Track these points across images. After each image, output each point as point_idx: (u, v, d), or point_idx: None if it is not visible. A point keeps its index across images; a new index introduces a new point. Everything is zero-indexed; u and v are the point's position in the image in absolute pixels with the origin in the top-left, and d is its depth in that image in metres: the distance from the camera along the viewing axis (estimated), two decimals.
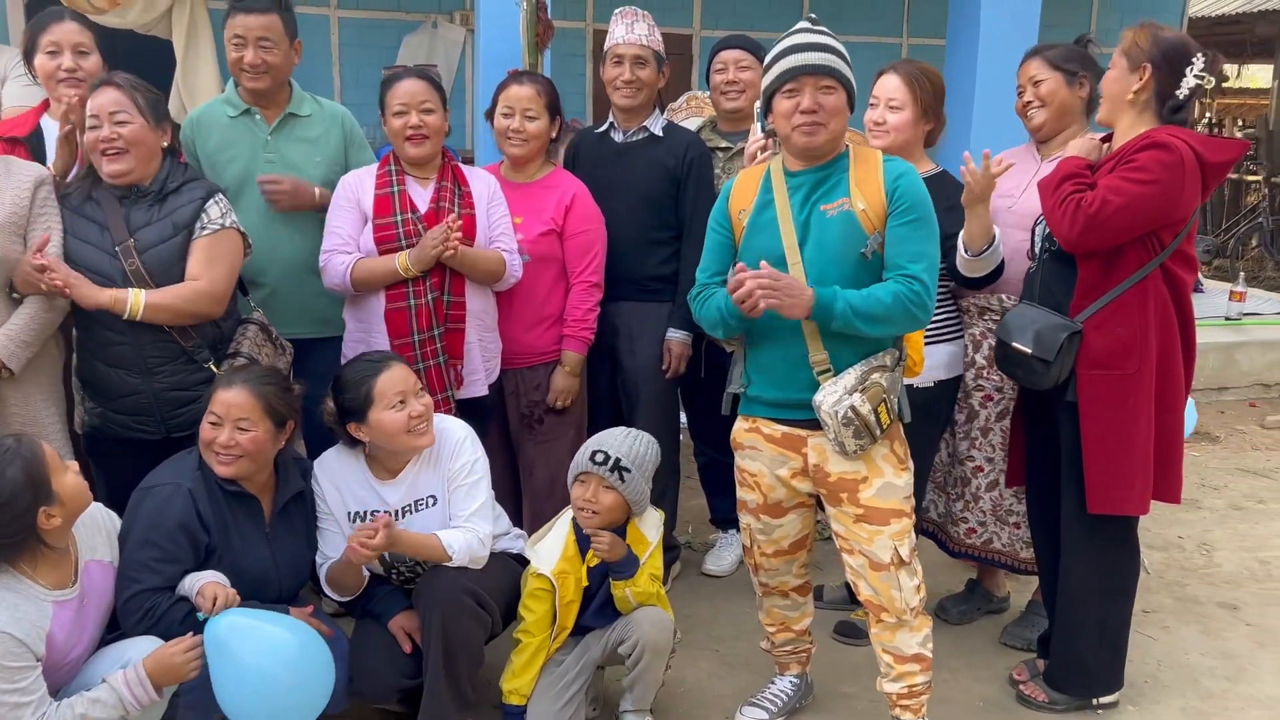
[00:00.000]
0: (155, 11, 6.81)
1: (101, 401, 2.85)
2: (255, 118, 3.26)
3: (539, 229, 3.30)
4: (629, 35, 3.47)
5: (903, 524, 2.61)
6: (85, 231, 2.79)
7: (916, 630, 2.67)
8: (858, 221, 2.53)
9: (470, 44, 7.71)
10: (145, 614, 2.48)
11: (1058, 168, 2.85)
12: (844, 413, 2.47)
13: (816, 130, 2.52)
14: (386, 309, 3.07)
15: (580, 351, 3.38)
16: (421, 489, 2.81)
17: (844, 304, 2.46)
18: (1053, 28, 6.65)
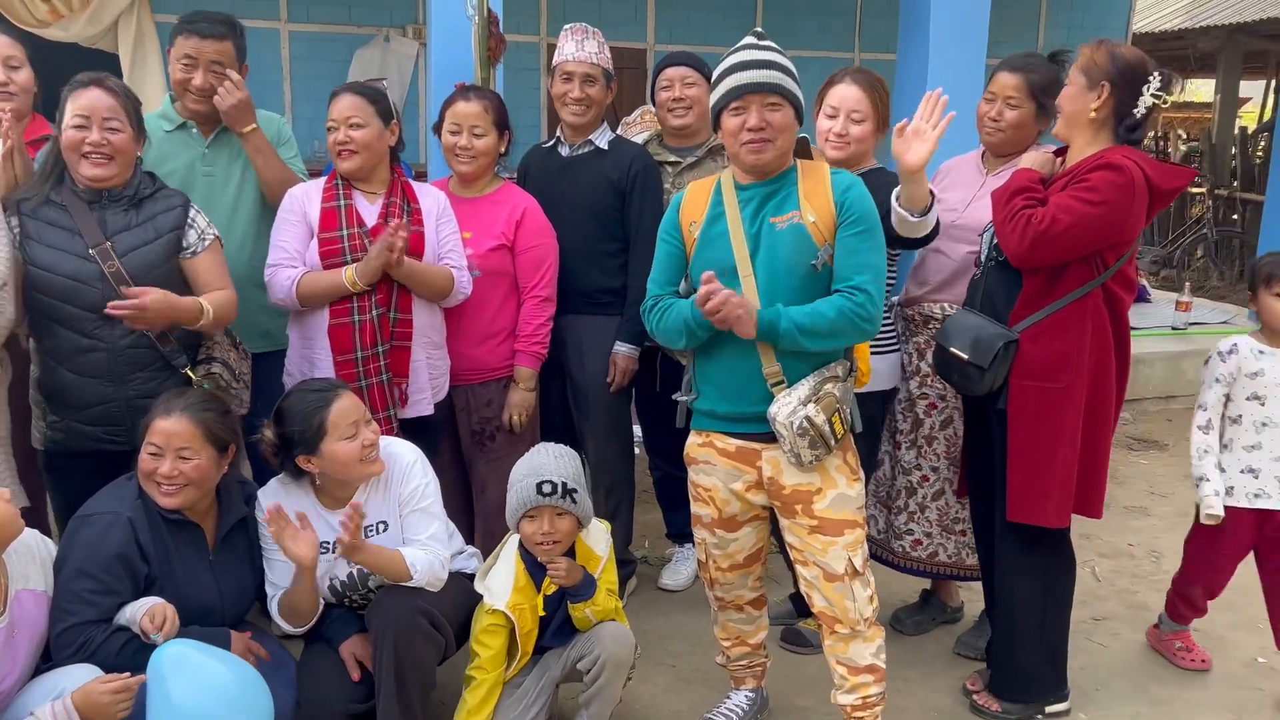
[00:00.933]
0: (100, 25, 6.72)
1: (67, 413, 2.77)
2: (192, 131, 3.22)
3: (490, 244, 3.28)
4: (578, 53, 3.47)
5: (856, 534, 2.63)
6: (52, 237, 2.72)
7: (870, 641, 2.67)
8: (808, 234, 2.55)
9: (423, 57, 7.68)
10: (80, 647, 2.40)
11: (1010, 180, 2.87)
12: (799, 423, 2.48)
13: (764, 147, 2.53)
14: (330, 324, 3.02)
15: (533, 366, 3.36)
16: (371, 514, 2.77)
17: (788, 323, 2.48)
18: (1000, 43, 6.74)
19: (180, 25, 3.16)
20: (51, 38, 6.51)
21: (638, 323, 3.48)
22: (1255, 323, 3.29)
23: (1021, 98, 3.12)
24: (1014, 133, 3.16)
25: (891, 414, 3.44)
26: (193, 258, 2.84)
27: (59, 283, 2.69)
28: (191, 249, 2.84)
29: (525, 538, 2.79)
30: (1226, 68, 12.43)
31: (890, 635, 3.14)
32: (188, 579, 2.59)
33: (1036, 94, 3.11)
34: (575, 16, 3.75)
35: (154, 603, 2.46)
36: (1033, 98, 3.12)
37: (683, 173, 3.61)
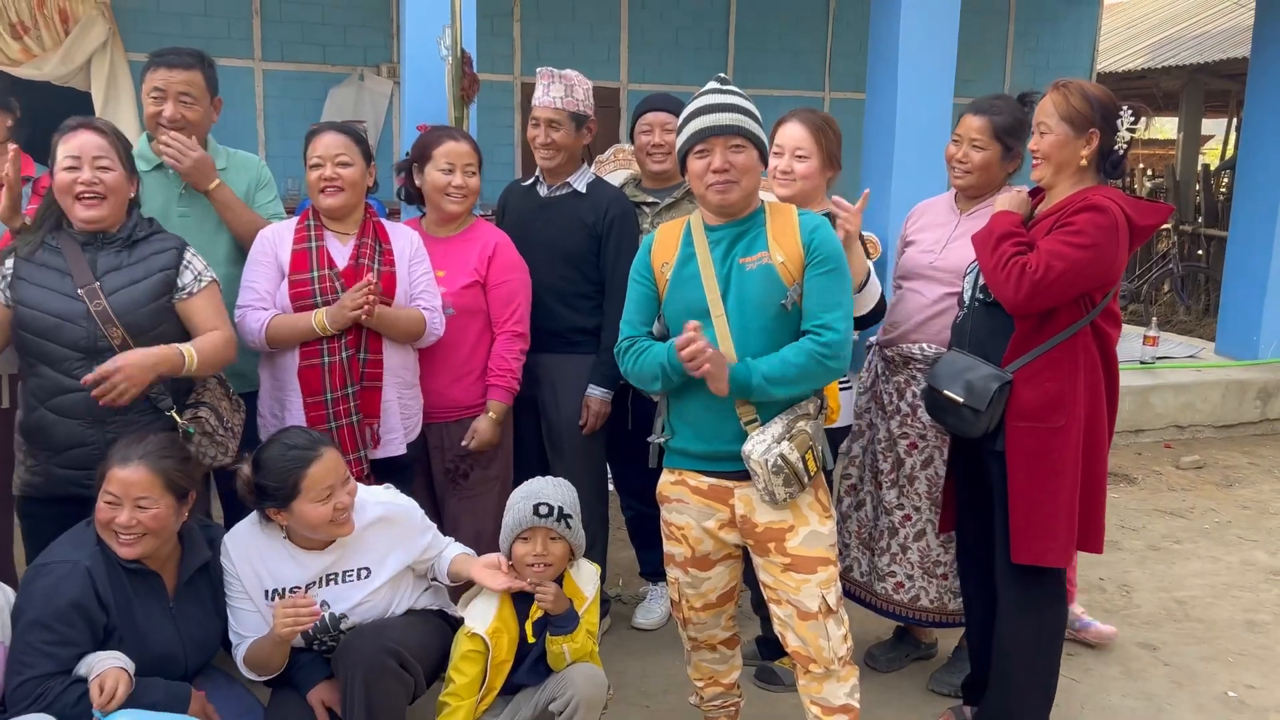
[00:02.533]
0: (73, 64, 6.72)
1: (46, 455, 2.73)
2: (169, 172, 3.21)
3: (463, 281, 3.28)
4: (544, 98, 3.49)
5: (829, 572, 2.63)
6: (43, 278, 2.72)
7: (844, 680, 2.67)
8: (777, 274, 2.57)
9: (397, 96, 7.71)
10: (36, 699, 2.34)
11: (991, 224, 2.87)
12: (774, 461, 2.49)
13: (729, 188, 2.56)
14: (300, 366, 3.01)
15: (505, 401, 3.36)
16: (350, 561, 2.75)
17: (759, 376, 2.51)
18: (968, 82, 6.88)
19: (150, 59, 3.17)
20: (24, 76, 6.50)
21: (612, 366, 3.49)
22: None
23: (986, 139, 3.17)
24: (981, 174, 3.20)
25: (872, 454, 3.45)
26: (188, 299, 2.82)
27: (44, 320, 2.68)
28: (187, 289, 2.82)
29: (517, 560, 2.82)
30: (1189, 106, 12.68)
31: (864, 672, 3.14)
32: (148, 627, 2.54)
33: (1002, 136, 3.15)
34: (549, 57, 3.79)
35: (107, 667, 2.38)
36: (998, 140, 3.16)
37: (660, 213, 3.63)
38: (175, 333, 2.81)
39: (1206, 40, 12.35)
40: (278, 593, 2.71)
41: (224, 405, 2.94)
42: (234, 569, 2.72)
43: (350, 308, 2.92)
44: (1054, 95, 2.80)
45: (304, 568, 2.72)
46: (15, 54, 6.44)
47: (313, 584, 2.73)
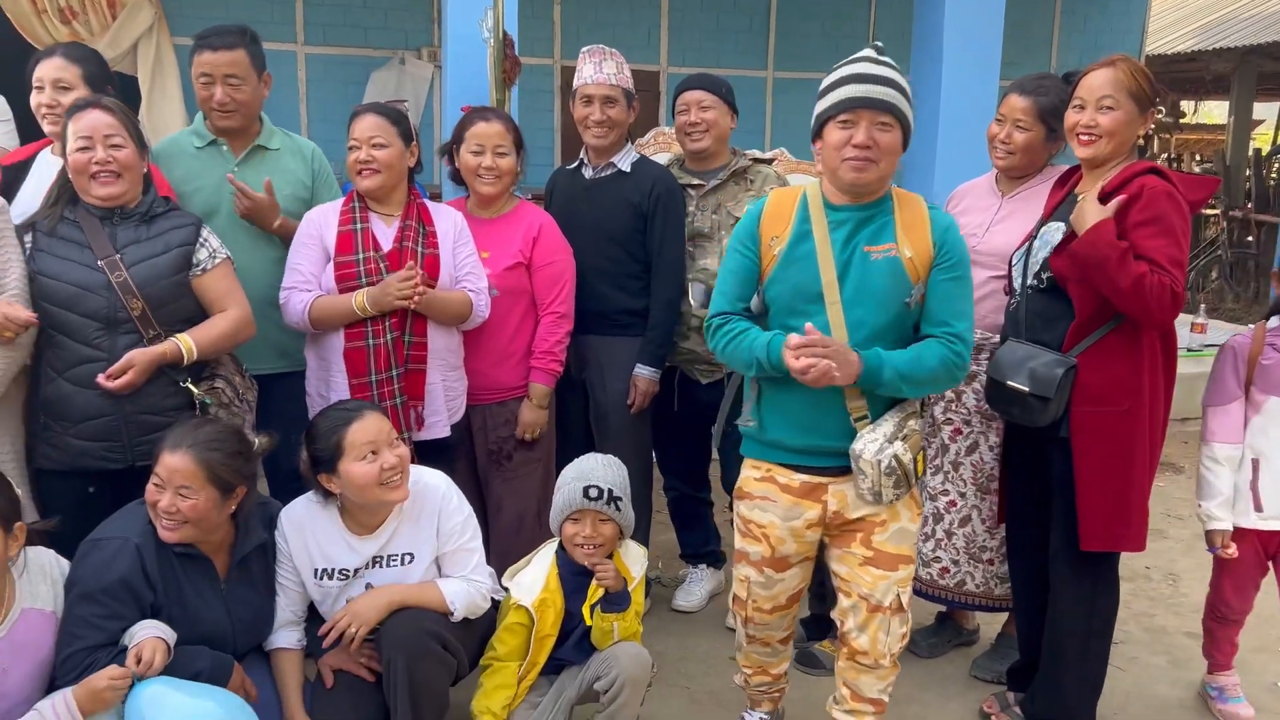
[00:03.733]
0: (120, 47, 6.79)
1: (65, 427, 2.76)
2: (222, 149, 3.25)
3: (507, 262, 3.29)
4: (597, 75, 3.48)
5: (909, 570, 2.56)
6: (63, 250, 2.76)
7: (883, 678, 2.63)
8: (904, 269, 2.44)
9: (438, 80, 7.73)
10: (84, 670, 2.37)
11: (1102, 242, 2.61)
12: (887, 462, 2.39)
13: (867, 167, 2.40)
14: (345, 348, 3.03)
15: (548, 384, 3.36)
16: (397, 545, 2.76)
17: (891, 371, 2.38)
18: (1013, 65, 6.77)
19: (195, 42, 3.19)
20: None
21: (659, 345, 3.50)
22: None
23: (1031, 120, 3.11)
24: (1024, 156, 3.16)
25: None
26: (202, 275, 2.86)
27: (65, 290, 2.72)
28: (201, 266, 2.86)
29: (566, 539, 2.83)
30: (1240, 90, 12.43)
31: (906, 657, 3.12)
32: (198, 607, 2.57)
33: (1046, 118, 3.10)
34: (590, 39, 3.76)
35: (145, 636, 2.41)
36: (1042, 121, 3.11)
37: (706, 196, 3.60)
38: (192, 306, 2.87)
39: (1259, 21, 12.09)
40: (327, 573, 2.74)
41: (238, 380, 2.99)
42: (286, 545, 2.74)
43: (395, 296, 2.93)
44: (1117, 71, 2.72)
45: (354, 551, 2.74)
46: (64, 38, 6.51)
47: (360, 568, 2.75)
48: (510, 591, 2.84)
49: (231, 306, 2.90)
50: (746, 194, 3.58)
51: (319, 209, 3.17)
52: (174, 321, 2.81)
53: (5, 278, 2.69)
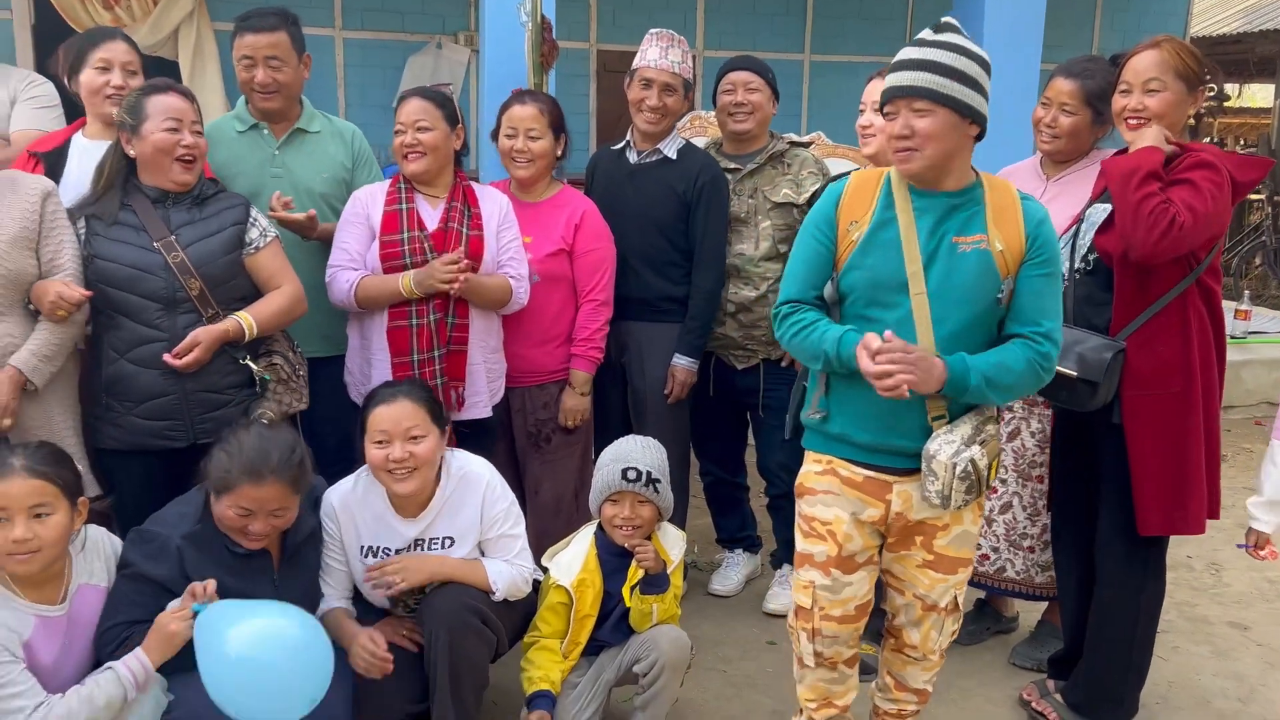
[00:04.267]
0: (162, 33, 6.85)
1: (127, 407, 2.81)
2: (263, 132, 3.27)
3: (549, 248, 3.30)
4: (661, 60, 3.46)
5: (967, 572, 2.50)
6: (119, 233, 2.81)
7: (930, 669, 2.58)
8: (994, 263, 2.29)
9: (475, 64, 7.74)
10: (121, 642, 2.41)
11: (1139, 159, 2.63)
12: (963, 466, 2.26)
13: (909, 156, 2.27)
14: (388, 327, 3.05)
15: (589, 371, 3.37)
16: (439, 529, 2.78)
17: (978, 378, 2.25)
18: (1054, 47, 6.68)
19: (236, 25, 3.21)
20: None
21: (698, 336, 3.49)
22: None
23: (1077, 104, 3.07)
24: (1070, 140, 3.12)
25: None
26: (255, 254, 2.90)
27: (123, 272, 2.76)
28: (254, 245, 2.90)
29: (605, 520, 2.84)
30: None
31: None
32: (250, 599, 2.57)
33: (1093, 101, 3.05)
34: (625, 22, 3.75)
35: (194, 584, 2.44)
36: (1089, 105, 3.06)
37: (742, 180, 3.58)
38: (247, 285, 2.91)
39: None
40: (373, 550, 2.76)
41: (291, 356, 3.02)
42: (336, 527, 2.76)
43: (440, 280, 2.94)
44: (1164, 52, 2.69)
45: (397, 532, 2.76)
46: (107, 23, 6.58)
47: (403, 549, 2.77)
48: (550, 571, 2.86)
49: (285, 283, 2.94)
50: (784, 178, 3.56)
51: (366, 189, 3.18)
52: (230, 300, 2.85)
53: (59, 259, 2.74)
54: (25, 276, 2.70)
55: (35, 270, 2.72)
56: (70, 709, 2.26)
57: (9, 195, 2.71)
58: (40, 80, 3.40)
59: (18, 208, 2.70)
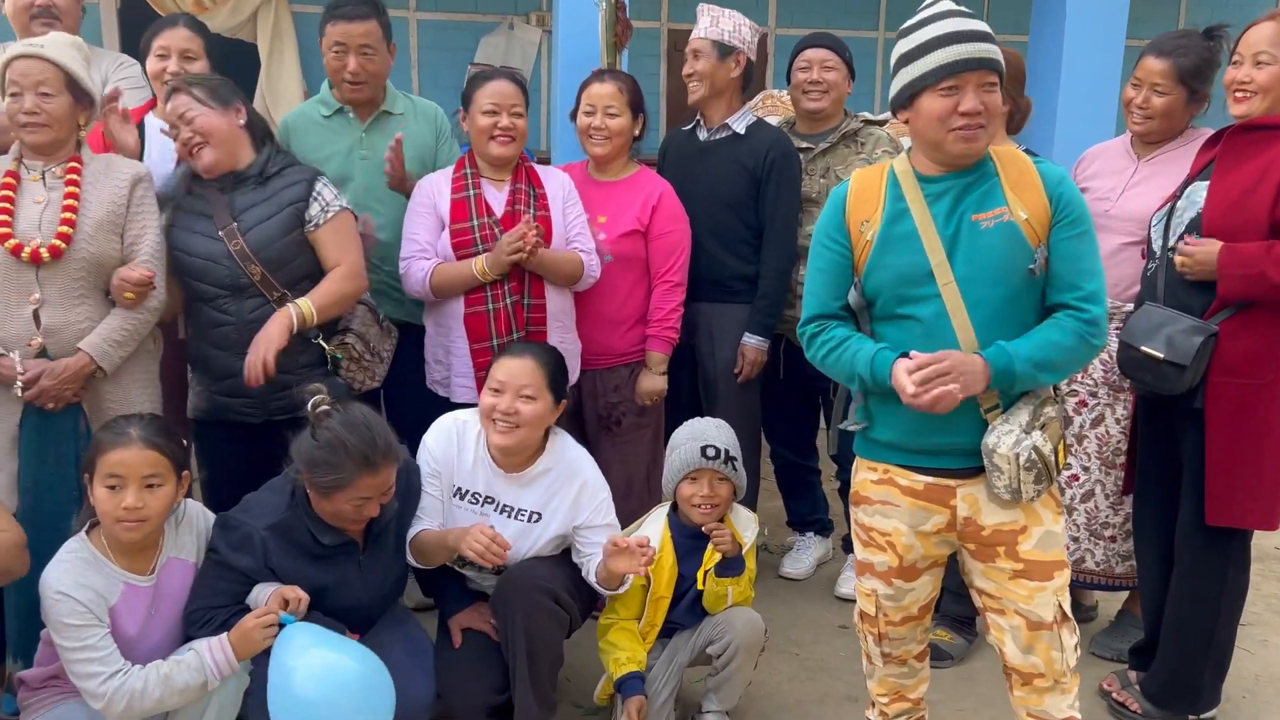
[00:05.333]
0: (241, 16, 6.95)
1: (208, 383, 2.93)
2: (349, 116, 3.31)
3: (623, 229, 3.29)
4: (695, 32, 3.48)
5: (1064, 576, 2.29)
6: (191, 223, 2.88)
7: (1068, 692, 2.33)
8: (1021, 234, 2.17)
9: (546, 45, 7.75)
10: (205, 623, 2.47)
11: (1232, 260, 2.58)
12: (1027, 455, 2.13)
13: (978, 135, 2.15)
14: (465, 313, 3.07)
15: (665, 352, 3.37)
16: (530, 500, 2.79)
17: (1024, 364, 2.13)
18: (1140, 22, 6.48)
19: (328, 12, 3.24)
20: None
21: (769, 315, 3.46)
22: None
23: (1170, 83, 2.97)
24: (1162, 121, 3.02)
25: None
26: (316, 230, 2.90)
27: (194, 263, 2.85)
28: (314, 221, 2.90)
29: (683, 500, 2.84)
30: None
31: None
32: (335, 585, 2.61)
33: (1187, 80, 2.95)
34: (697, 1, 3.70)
35: (275, 589, 2.49)
36: (1182, 84, 2.96)
37: (814, 160, 3.54)
38: (309, 265, 2.92)
39: None
40: (465, 493, 2.79)
41: (372, 331, 3.05)
42: (435, 452, 2.78)
43: (508, 252, 2.96)
44: (1278, 24, 2.60)
45: (491, 482, 2.78)
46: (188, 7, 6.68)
47: (491, 508, 2.79)
48: None
49: (344, 260, 2.92)
50: (857, 157, 3.51)
51: (429, 178, 3.20)
52: (295, 281, 2.88)
53: (139, 244, 2.80)
54: (109, 260, 2.76)
55: (118, 255, 2.77)
56: (146, 684, 2.31)
57: (103, 178, 2.78)
58: (130, 62, 3.48)
59: (108, 191, 2.77)
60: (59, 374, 2.66)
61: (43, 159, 2.74)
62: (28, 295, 2.67)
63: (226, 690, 2.43)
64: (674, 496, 2.90)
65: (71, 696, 2.39)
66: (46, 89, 2.68)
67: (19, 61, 2.66)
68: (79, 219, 2.70)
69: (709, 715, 2.87)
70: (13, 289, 2.67)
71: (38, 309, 2.67)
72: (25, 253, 2.64)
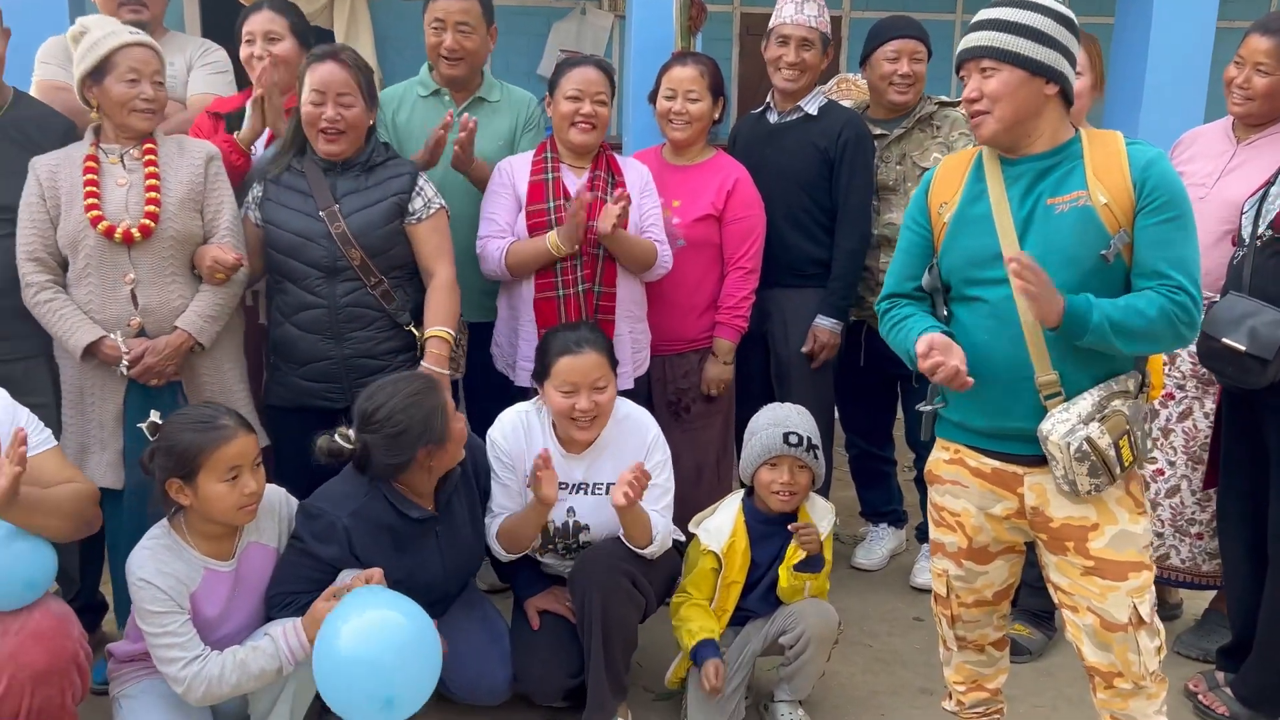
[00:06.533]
0: (318, 2, 7.05)
1: (290, 368, 2.93)
2: (445, 99, 3.33)
3: (697, 213, 3.27)
4: (798, 15, 3.38)
5: (1143, 578, 2.19)
6: (288, 199, 2.89)
7: (1154, 698, 2.25)
8: (1098, 218, 2.12)
9: (618, 30, 7.73)
10: (284, 606, 2.52)
11: None
12: (1078, 445, 2.09)
13: (980, 120, 2.17)
14: (536, 298, 3.07)
15: (733, 340, 3.34)
16: (600, 473, 2.81)
17: (1100, 316, 2.06)
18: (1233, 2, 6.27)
19: None
20: None
21: (841, 297, 3.41)
22: None
23: (1274, 63, 2.86)
24: (1265, 102, 2.91)
25: None
26: (417, 224, 2.92)
27: (287, 239, 2.86)
28: (416, 215, 2.92)
29: (762, 486, 2.81)
30: None
31: None
32: (416, 566, 2.64)
33: None
34: None
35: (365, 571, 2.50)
36: None
37: (889, 146, 3.49)
38: (406, 254, 2.94)
39: None
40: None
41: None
42: (504, 451, 2.80)
43: (579, 211, 2.91)
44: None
45: (564, 471, 2.79)
46: None
47: (566, 491, 2.80)
48: (699, 537, 2.86)
49: (440, 269, 2.94)
50: (933, 141, 3.45)
51: (510, 160, 3.20)
52: (391, 268, 2.90)
53: (218, 220, 2.85)
54: (193, 237, 2.81)
55: (200, 231, 2.82)
56: (223, 670, 2.36)
57: (177, 159, 2.83)
58: (214, 47, 3.53)
59: (185, 171, 2.82)
60: (161, 350, 2.73)
61: (121, 143, 2.79)
62: (123, 276, 2.73)
63: (303, 672, 2.46)
64: (751, 481, 2.87)
65: (156, 673, 2.45)
66: (160, 78, 2.76)
67: (138, 49, 2.72)
68: (163, 198, 2.75)
69: (781, 704, 2.85)
70: (109, 270, 2.73)
71: (133, 289, 2.74)
72: (118, 234, 2.70)
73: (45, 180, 2.75)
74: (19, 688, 2.18)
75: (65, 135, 2.93)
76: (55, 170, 2.76)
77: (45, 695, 2.21)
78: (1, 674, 2.17)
